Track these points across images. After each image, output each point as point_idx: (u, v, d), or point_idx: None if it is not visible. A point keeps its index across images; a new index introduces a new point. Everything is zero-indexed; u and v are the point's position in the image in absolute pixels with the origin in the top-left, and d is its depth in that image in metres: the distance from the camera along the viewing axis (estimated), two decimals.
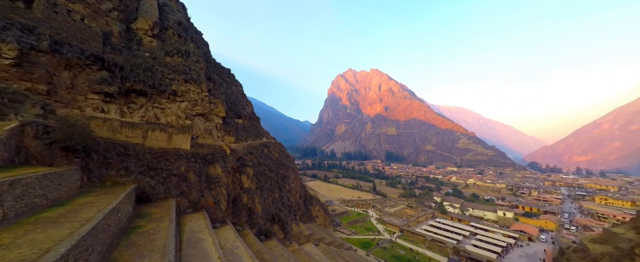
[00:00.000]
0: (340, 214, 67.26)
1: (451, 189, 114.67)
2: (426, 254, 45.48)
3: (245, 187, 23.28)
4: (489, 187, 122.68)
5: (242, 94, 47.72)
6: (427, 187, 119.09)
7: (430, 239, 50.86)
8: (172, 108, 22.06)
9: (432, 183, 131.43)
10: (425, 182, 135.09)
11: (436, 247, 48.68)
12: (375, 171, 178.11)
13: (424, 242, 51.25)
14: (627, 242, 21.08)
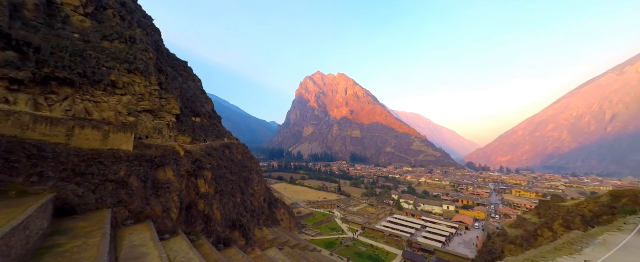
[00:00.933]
0: (306, 215, 67.23)
1: (406, 187, 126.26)
2: (384, 249, 48.89)
3: (202, 192, 21.26)
4: (436, 184, 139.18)
5: (200, 90, 43.69)
6: (386, 186, 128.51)
7: (388, 234, 54.86)
8: (109, 102, 18.72)
9: (391, 182, 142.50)
10: (385, 181, 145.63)
11: (393, 241, 52.77)
12: (341, 171, 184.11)
13: (382, 238, 54.98)
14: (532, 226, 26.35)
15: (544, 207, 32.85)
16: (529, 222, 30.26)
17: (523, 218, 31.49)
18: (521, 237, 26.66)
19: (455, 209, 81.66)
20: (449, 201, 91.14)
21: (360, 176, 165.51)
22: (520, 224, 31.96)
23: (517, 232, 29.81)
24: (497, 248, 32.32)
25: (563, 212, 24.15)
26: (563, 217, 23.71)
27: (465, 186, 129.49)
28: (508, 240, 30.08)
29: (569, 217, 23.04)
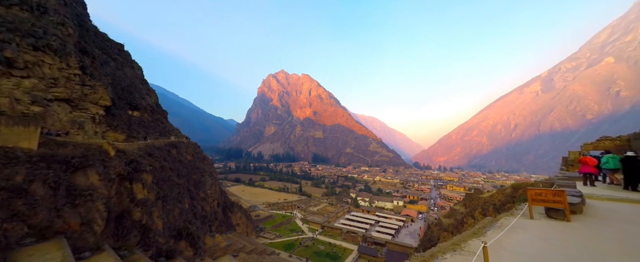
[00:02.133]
0: (265, 218, 64.82)
1: (363, 185, 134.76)
2: (342, 245, 50.97)
3: (139, 198, 18.17)
4: (389, 182, 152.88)
5: (141, 80, 37.58)
6: (345, 185, 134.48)
7: (345, 232, 57.43)
8: (2, 86, 14.30)
9: (350, 181, 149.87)
10: (345, 181, 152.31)
11: (350, 238, 55.50)
12: (302, 172, 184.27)
13: (340, 235, 57.24)
14: (460, 215, 31.40)
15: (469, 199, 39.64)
16: (458, 212, 36.09)
17: (454, 209, 37.30)
18: (452, 225, 31.61)
19: (404, 204, 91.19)
20: (398, 197, 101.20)
21: (321, 176, 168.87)
22: (452, 214, 37.80)
23: (449, 221, 35.18)
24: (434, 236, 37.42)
25: (481, 203, 29.53)
26: (481, 207, 29.02)
27: (412, 183, 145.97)
28: (443, 228, 35.23)
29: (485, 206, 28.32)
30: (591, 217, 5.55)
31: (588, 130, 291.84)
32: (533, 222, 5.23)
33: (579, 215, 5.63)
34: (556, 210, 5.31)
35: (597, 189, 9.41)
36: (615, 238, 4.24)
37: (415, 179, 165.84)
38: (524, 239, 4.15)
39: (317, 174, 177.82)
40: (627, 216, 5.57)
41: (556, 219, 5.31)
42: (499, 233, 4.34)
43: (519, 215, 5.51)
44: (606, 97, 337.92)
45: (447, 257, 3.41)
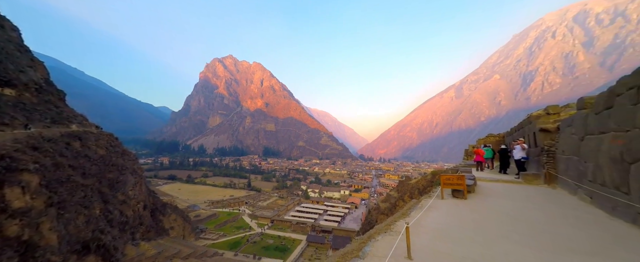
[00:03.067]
0: (207, 218, 59.13)
1: (314, 177, 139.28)
2: (291, 237, 51.78)
3: (17, 208, 13.44)
4: (337, 173, 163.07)
5: (17, 45, 27.36)
6: (296, 178, 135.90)
7: (295, 223, 58.46)
8: None
9: (301, 174, 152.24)
10: (296, 174, 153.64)
11: (299, 229, 56.89)
12: (252, 166, 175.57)
13: (290, 227, 57.94)
14: (394, 199, 36.45)
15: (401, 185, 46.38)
16: (392, 196, 41.95)
17: (389, 194, 42.96)
18: (387, 209, 36.62)
19: (350, 193, 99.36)
20: (345, 187, 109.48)
21: (272, 170, 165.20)
22: (387, 199, 43.57)
23: (385, 205, 40.57)
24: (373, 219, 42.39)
25: (409, 188, 35.00)
26: (409, 191, 34.45)
27: (357, 174, 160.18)
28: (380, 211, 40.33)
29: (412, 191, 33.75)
30: (480, 194, 7.33)
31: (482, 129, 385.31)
32: (443, 201, 6.50)
33: (473, 194, 7.33)
34: (458, 191, 6.76)
35: (484, 173, 12.48)
36: (493, 208, 5.73)
37: (360, 169, 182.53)
38: (436, 216, 5.10)
39: (267, 168, 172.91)
40: (501, 192, 7.63)
41: (458, 198, 6.76)
42: (419, 213, 5.20)
43: (434, 197, 6.75)
44: (493, 104, 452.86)
45: (379, 239, 3.84)
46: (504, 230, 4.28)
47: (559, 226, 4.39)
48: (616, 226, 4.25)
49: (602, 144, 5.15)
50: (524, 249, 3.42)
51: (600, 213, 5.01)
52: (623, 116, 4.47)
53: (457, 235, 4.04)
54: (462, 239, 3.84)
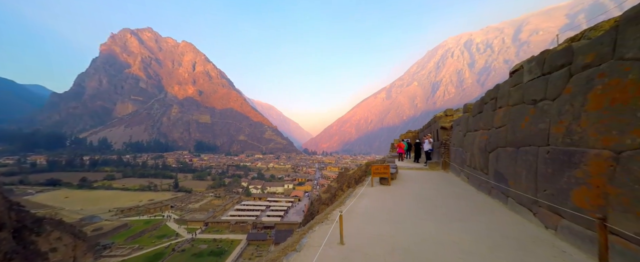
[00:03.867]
0: (114, 230, 47.44)
1: (257, 173, 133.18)
2: (229, 239, 48.11)
3: None
4: (282, 168, 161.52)
5: None
6: (236, 175, 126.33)
7: (234, 223, 54.58)
8: None
9: (242, 170, 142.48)
10: (236, 170, 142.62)
11: (239, 228, 53.51)
12: (181, 164, 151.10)
13: (228, 228, 53.68)
14: (334, 189, 39.17)
15: (340, 176, 50.29)
16: (333, 187, 45.14)
17: (330, 186, 45.95)
18: (328, 199, 39.20)
19: (293, 187, 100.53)
20: (289, 181, 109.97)
21: (207, 167, 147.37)
22: (328, 190, 46.59)
23: (326, 195, 43.29)
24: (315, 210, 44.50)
25: (347, 178, 38.43)
26: (347, 181, 37.85)
27: (301, 168, 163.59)
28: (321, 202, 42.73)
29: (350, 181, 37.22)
30: (400, 181, 8.75)
31: (404, 126, 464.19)
32: (373, 189, 7.42)
33: (395, 180, 8.68)
34: (384, 178, 7.85)
35: (404, 162, 15.01)
36: (408, 191, 6.95)
37: (304, 163, 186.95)
38: (366, 202, 5.76)
39: (201, 165, 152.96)
40: (414, 177, 9.35)
41: (384, 185, 7.85)
42: (353, 200, 5.73)
43: (366, 185, 7.61)
44: (412, 106, 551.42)
45: (316, 230, 3.99)
46: (414, 208, 5.23)
47: (448, 201, 5.74)
48: (480, 198, 5.92)
49: (475, 139, 7.02)
50: (426, 222, 4.28)
51: (473, 189, 6.87)
52: (487, 119, 6.20)
53: (382, 217, 4.67)
54: (385, 220, 4.45)
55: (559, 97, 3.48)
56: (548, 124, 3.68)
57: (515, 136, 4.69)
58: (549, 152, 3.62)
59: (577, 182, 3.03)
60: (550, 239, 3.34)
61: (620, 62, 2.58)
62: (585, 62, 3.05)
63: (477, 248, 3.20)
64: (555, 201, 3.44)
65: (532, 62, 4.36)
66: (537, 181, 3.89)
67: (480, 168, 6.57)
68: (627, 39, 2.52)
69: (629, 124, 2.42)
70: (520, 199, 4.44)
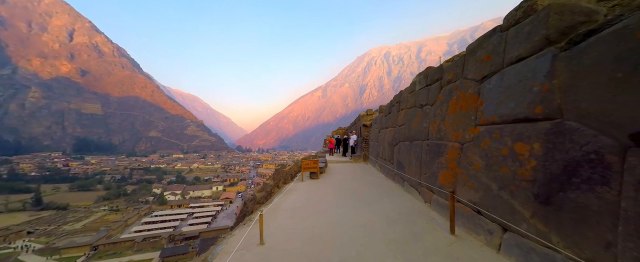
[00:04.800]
0: None
1: (175, 176, 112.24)
2: (134, 260, 38.49)
3: None
4: (209, 168, 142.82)
5: None
6: (144, 180, 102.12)
7: (141, 240, 44.07)
8: None
9: (153, 174, 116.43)
10: (144, 174, 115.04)
11: (149, 246, 43.66)
12: (47, 171, 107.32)
13: (133, 247, 42.81)
14: (270, 187, 38.16)
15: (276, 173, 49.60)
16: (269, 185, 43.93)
17: (266, 183, 44.50)
18: (264, 197, 37.87)
19: (224, 188, 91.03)
20: (218, 182, 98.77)
21: (96, 173, 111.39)
22: (264, 188, 45.00)
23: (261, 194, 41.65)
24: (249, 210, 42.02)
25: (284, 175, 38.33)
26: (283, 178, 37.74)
27: (234, 166, 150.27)
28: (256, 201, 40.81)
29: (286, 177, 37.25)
30: (328, 174, 9.43)
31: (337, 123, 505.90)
32: (303, 183, 7.64)
33: (324, 174, 9.28)
34: (314, 173, 8.24)
35: (334, 157, 16.30)
36: (334, 183, 7.57)
37: (237, 162, 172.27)
38: (294, 197, 5.85)
39: (85, 171, 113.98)
40: (341, 170, 10.30)
41: (314, 179, 8.23)
42: (281, 196, 5.70)
43: (295, 181, 7.75)
44: (344, 105, 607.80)
45: (235, 234, 3.69)
46: (337, 198, 5.73)
47: (364, 188, 6.63)
48: (387, 183, 7.15)
49: (386, 135, 8.41)
50: (344, 209, 4.76)
51: (383, 176, 8.23)
52: (394, 118, 7.52)
53: (308, 210, 4.85)
54: (310, 213, 4.64)
55: (435, 103, 4.61)
56: (429, 123, 4.82)
57: (410, 132, 5.90)
58: (428, 145, 4.74)
59: (441, 166, 4.12)
60: (427, 210, 4.41)
61: (465, 80, 3.65)
62: (449, 78, 4.15)
63: (380, 226, 3.83)
64: (430, 182, 4.57)
65: (421, 75, 5.57)
66: (421, 167, 5.05)
67: (388, 159, 7.94)
68: (468, 65, 3.59)
69: (468, 124, 3.46)
70: (411, 182, 5.65)
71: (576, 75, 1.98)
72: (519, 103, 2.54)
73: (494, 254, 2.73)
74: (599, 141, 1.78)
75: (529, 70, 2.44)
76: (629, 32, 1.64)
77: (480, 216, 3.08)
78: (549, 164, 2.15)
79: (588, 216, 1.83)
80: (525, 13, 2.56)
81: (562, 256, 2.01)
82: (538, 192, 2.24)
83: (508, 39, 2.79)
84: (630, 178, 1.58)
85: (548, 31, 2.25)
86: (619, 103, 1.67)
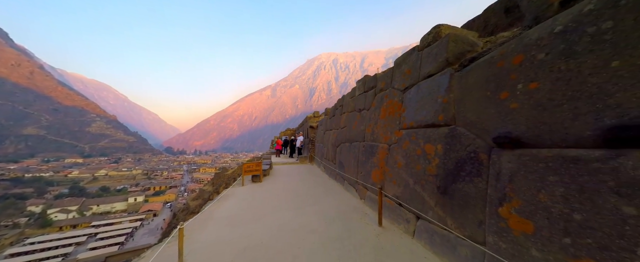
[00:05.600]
0: None
1: (68, 187, 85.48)
2: None
3: None
4: (124, 175, 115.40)
5: None
6: (13, 195, 73.52)
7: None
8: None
9: (31, 186, 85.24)
10: (14, 187, 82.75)
11: None
12: None
13: None
14: (208, 193, 34.00)
15: (217, 177, 44.72)
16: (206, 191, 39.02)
17: (203, 190, 39.43)
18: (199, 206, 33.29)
19: (145, 199, 75.31)
20: (138, 192, 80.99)
21: None
22: (200, 195, 39.67)
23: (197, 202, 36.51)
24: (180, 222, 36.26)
25: (225, 179, 34.86)
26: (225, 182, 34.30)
27: (161, 172, 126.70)
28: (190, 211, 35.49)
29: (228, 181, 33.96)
30: (273, 176, 9.08)
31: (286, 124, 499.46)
32: (243, 188, 7.07)
33: (268, 176, 8.88)
34: (256, 176, 7.77)
35: (281, 158, 15.91)
36: (278, 185, 7.31)
37: (165, 166, 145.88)
38: (231, 204, 5.32)
39: None
40: (286, 171, 10.10)
41: (256, 182, 7.75)
42: (211, 206, 5.07)
43: (233, 185, 7.11)
44: (294, 106, 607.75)
45: (143, 256, 3.01)
46: (280, 201, 5.55)
47: (308, 189, 6.69)
48: (330, 183, 7.45)
49: (330, 136, 8.78)
50: (286, 212, 4.64)
51: (327, 177, 8.54)
52: (337, 121, 7.93)
53: (245, 216, 4.47)
54: (247, 220, 4.29)
55: (370, 108, 5.09)
56: (365, 126, 5.28)
57: (350, 134, 6.34)
58: (364, 146, 5.19)
59: (374, 165, 4.57)
60: (362, 207, 4.80)
61: (393, 89, 4.17)
62: (381, 87, 4.66)
63: (319, 226, 3.90)
64: (365, 180, 5.00)
65: (360, 82, 6.07)
66: (358, 166, 5.48)
67: (331, 159, 8.30)
68: (395, 76, 4.12)
69: (394, 128, 3.96)
70: (350, 181, 6.06)
71: (464, 92, 2.52)
72: (428, 111, 3.06)
73: (410, 239, 3.19)
74: (476, 143, 2.32)
75: (435, 85, 2.98)
76: (494, 62, 2.20)
77: (402, 208, 3.55)
78: (447, 161, 2.66)
79: (469, 202, 2.34)
80: (434, 38, 3.12)
81: (454, 236, 2.51)
82: (440, 184, 2.74)
83: (422, 58, 3.33)
84: (493, 171, 2.11)
85: (448, 55, 2.80)
86: (487, 114, 2.21)
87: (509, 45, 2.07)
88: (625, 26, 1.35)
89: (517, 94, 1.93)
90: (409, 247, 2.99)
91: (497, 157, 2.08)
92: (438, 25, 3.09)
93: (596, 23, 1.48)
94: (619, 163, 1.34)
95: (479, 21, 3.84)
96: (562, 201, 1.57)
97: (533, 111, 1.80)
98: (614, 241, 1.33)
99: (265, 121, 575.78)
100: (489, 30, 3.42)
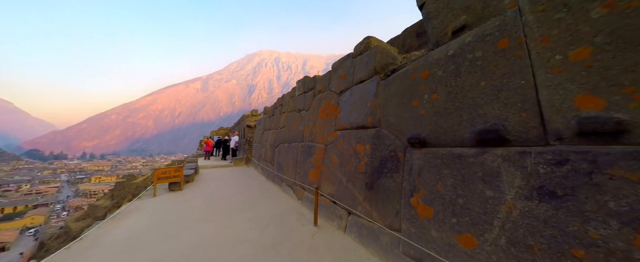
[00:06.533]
0: None
1: None
2: None
3: None
4: None
5: None
6: None
7: None
8: None
9: None
10: None
11: None
12: None
13: None
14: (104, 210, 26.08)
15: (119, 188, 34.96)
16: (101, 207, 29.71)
17: (95, 206, 29.95)
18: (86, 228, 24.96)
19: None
20: None
21: None
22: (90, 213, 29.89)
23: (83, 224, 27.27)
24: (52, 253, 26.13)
25: (133, 189, 27.67)
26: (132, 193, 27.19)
27: (18, 185, 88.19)
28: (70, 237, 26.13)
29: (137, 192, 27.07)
30: (199, 182, 7.81)
31: (220, 122, 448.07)
32: (154, 199, 5.71)
33: (192, 183, 7.57)
34: (175, 183, 6.47)
35: (211, 161, 14.02)
36: (204, 193, 6.31)
37: (25, 177, 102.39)
38: (133, 222, 4.16)
39: None
40: (216, 176, 8.91)
41: (175, 191, 6.45)
42: (103, 226, 3.83)
43: (139, 196, 5.68)
44: (230, 103, 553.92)
45: None
46: (205, 211, 4.77)
47: (242, 194, 6.10)
48: (267, 186, 7.08)
49: (268, 136, 8.38)
50: (213, 224, 4.02)
51: (264, 179, 8.08)
52: (276, 121, 7.65)
53: (153, 236, 3.57)
54: (158, 239, 3.44)
55: (309, 109, 5.13)
56: (304, 127, 5.28)
57: (289, 134, 6.22)
58: (303, 146, 5.18)
59: (311, 165, 4.62)
60: (299, 207, 4.76)
61: (330, 92, 4.34)
62: (319, 88, 4.77)
63: (252, 233, 3.58)
64: (302, 180, 5.00)
65: (300, 82, 6.05)
66: (296, 167, 5.43)
67: (270, 161, 7.94)
68: (332, 79, 4.31)
69: (330, 128, 4.11)
70: (288, 182, 5.94)
71: (387, 98, 2.87)
72: (359, 114, 3.32)
73: (342, 235, 3.37)
74: (396, 143, 2.66)
75: (366, 91, 3.27)
76: (409, 74, 2.58)
77: (336, 206, 3.71)
78: (373, 159, 2.95)
79: (389, 195, 2.67)
80: (365, 47, 3.43)
81: (377, 226, 2.80)
82: (367, 181, 3.01)
83: (356, 65, 3.61)
84: (407, 167, 2.47)
85: (376, 64, 3.12)
86: (404, 118, 2.58)
87: (419, 62, 2.48)
88: (489, 56, 1.84)
89: (424, 103, 2.33)
90: (341, 243, 3.14)
91: (410, 155, 2.44)
92: (368, 36, 3.41)
93: (472, 52, 1.95)
94: (484, 158, 1.79)
95: (398, 40, 4.53)
96: (451, 189, 1.98)
97: (434, 117, 2.21)
98: (480, 217, 1.76)
99: (192, 118, 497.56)
100: (405, 48, 4.06)
